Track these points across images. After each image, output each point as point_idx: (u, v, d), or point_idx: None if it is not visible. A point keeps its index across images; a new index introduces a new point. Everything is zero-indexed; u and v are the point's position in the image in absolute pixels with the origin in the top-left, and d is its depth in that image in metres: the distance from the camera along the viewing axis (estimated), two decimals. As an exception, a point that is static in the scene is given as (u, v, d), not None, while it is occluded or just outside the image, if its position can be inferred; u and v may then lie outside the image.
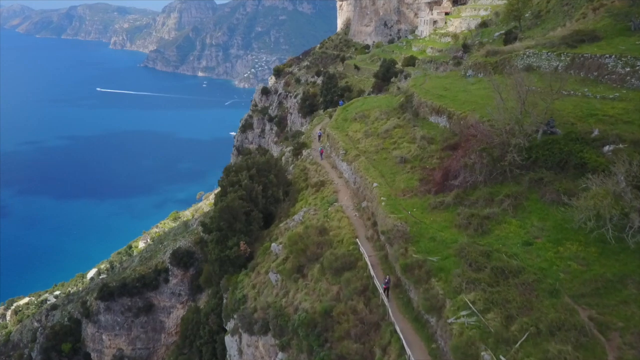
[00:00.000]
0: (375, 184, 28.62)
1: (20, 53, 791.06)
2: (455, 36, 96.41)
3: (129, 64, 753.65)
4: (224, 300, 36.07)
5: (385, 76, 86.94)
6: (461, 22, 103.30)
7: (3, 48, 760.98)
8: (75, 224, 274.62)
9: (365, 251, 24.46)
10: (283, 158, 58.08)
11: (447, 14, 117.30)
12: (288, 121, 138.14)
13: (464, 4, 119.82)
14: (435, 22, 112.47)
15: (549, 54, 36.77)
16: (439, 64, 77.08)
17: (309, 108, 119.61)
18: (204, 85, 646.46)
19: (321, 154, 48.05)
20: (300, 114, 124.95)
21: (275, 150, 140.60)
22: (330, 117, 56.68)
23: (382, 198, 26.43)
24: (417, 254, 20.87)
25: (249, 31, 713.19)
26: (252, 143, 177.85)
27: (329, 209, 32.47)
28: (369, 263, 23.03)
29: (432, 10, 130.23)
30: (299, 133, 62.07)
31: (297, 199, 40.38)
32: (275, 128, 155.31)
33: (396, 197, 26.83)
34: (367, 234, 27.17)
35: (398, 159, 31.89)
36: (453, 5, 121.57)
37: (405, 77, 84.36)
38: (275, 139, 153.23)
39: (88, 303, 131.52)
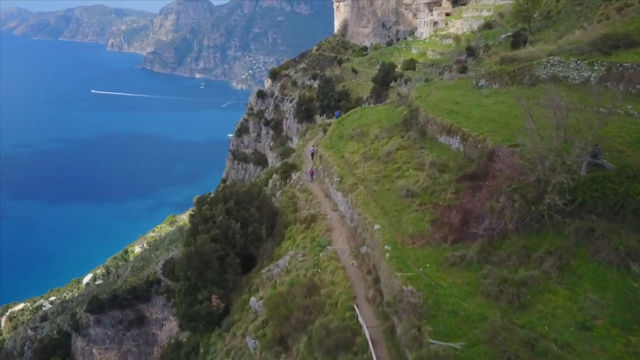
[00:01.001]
0: (376, 226, 22.97)
1: (17, 55, 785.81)
2: (457, 38, 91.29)
3: (127, 65, 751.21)
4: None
5: (384, 81, 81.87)
6: (462, 23, 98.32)
7: (2, 48, 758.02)
8: (71, 228, 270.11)
9: (366, 321, 19.06)
10: (270, 181, 51.96)
11: (447, 14, 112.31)
12: (284, 126, 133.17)
13: (464, 4, 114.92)
14: (435, 23, 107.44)
15: (578, 62, 31.29)
16: (442, 68, 71.95)
17: (305, 113, 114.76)
18: (201, 87, 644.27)
19: (311, 174, 42.49)
20: (296, 119, 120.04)
21: (270, 157, 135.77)
22: (325, 131, 50.68)
23: (385, 247, 20.91)
24: (434, 337, 15.53)
25: (247, 32, 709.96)
26: (248, 147, 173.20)
27: (321, 254, 26.79)
28: (370, 343, 17.67)
29: (431, 11, 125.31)
30: (289, 150, 55.56)
31: (283, 236, 34.40)
32: (271, 132, 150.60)
33: (403, 244, 21.34)
34: (367, 293, 21.36)
35: (404, 192, 26.48)
36: (453, 6, 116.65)
37: (406, 82, 79.35)
38: (271, 143, 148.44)
39: (78, 316, 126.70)
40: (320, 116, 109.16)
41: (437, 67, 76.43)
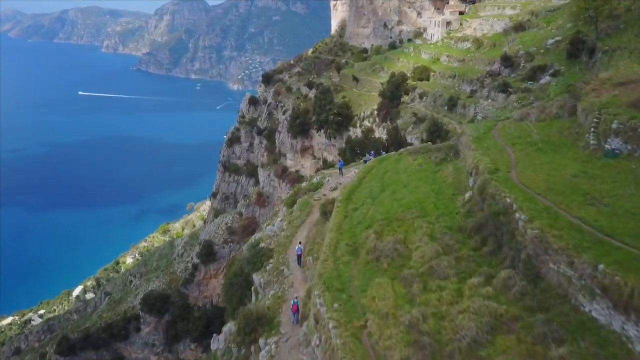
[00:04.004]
0: None
1: (14, 58, 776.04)
2: (477, 41, 77.41)
3: (122, 67, 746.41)
4: None
5: (395, 95, 67.73)
6: (481, 24, 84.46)
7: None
8: (62, 235, 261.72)
9: None
10: (223, 342, 29.90)
11: (461, 13, 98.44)
12: (277, 140, 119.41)
13: (473, 2, 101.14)
14: (448, 23, 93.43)
15: None
16: (471, 82, 57.75)
17: (299, 127, 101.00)
18: (197, 88, 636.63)
19: (293, 312, 24.68)
20: (289, 134, 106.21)
21: (262, 175, 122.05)
22: (325, 213, 30.29)
23: None
24: None
25: (242, 32, 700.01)
26: (239, 158, 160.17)
27: None
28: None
29: (438, 9, 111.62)
30: (263, 254, 33.17)
31: None
32: (264, 142, 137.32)
33: None
34: None
35: None
36: (466, 4, 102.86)
37: (421, 97, 65.68)
38: (265, 154, 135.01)
39: (47, 357, 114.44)
40: (317, 132, 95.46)
41: (461, 80, 61.47)
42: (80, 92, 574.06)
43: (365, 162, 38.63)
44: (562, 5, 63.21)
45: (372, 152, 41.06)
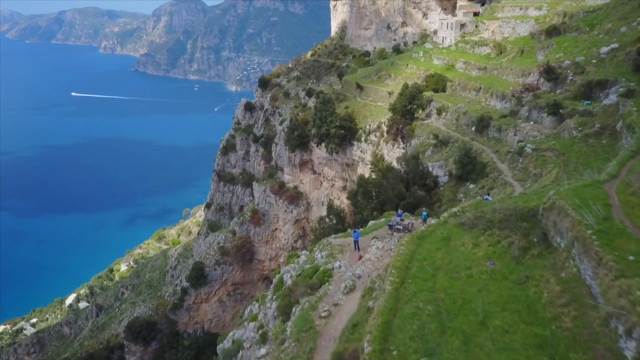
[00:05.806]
0: None
1: (13, 59, 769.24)
2: (498, 46, 68.23)
3: (119, 68, 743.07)
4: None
5: (408, 109, 58.33)
6: (501, 26, 75.24)
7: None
8: (56, 240, 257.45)
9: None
10: None
11: (476, 14, 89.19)
12: (273, 152, 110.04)
13: (483, 3, 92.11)
14: (462, 25, 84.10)
15: None
16: (502, 97, 48.01)
17: (298, 140, 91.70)
18: (195, 89, 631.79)
19: None
20: (287, 147, 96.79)
21: (258, 191, 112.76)
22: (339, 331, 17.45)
23: None
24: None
25: (241, 33, 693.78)
26: (235, 167, 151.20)
27: None
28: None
29: (444, 9, 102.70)
30: None
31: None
32: (261, 150, 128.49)
33: None
34: None
35: None
36: (482, 4, 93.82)
37: (438, 112, 56.48)
38: (261, 163, 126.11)
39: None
40: (317, 145, 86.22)
41: (488, 93, 51.39)
42: (73, 93, 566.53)
43: (390, 226, 28.22)
44: (602, 5, 54.02)
45: (400, 212, 30.93)
